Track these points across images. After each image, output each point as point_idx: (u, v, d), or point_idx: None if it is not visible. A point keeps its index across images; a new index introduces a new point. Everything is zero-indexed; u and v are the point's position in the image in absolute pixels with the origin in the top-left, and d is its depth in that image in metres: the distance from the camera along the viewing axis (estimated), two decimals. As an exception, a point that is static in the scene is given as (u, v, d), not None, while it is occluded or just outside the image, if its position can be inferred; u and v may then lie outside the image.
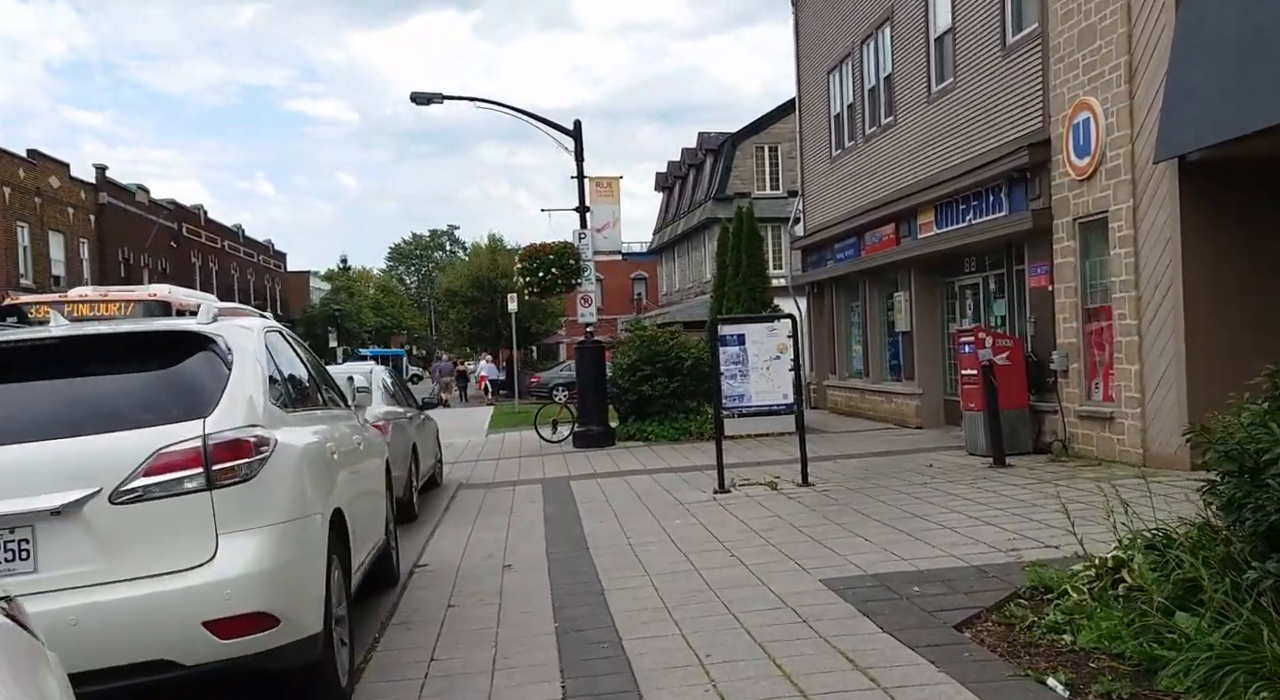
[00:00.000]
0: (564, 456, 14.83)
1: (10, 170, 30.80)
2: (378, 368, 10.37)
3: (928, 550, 6.68)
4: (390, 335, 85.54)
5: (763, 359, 9.99)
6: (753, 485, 10.29)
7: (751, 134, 40.13)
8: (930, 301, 15.48)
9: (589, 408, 15.81)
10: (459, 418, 27.13)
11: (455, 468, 14.22)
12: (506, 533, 8.61)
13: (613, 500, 10.05)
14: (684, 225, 44.40)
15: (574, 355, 16.36)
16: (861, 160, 17.43)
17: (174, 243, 45.11)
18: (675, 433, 15.94)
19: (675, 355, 16.46)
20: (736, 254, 16.13)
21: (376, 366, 10.44)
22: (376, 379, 10.01)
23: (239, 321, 4.46)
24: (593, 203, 15.98)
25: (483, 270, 38.04)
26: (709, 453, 13.87)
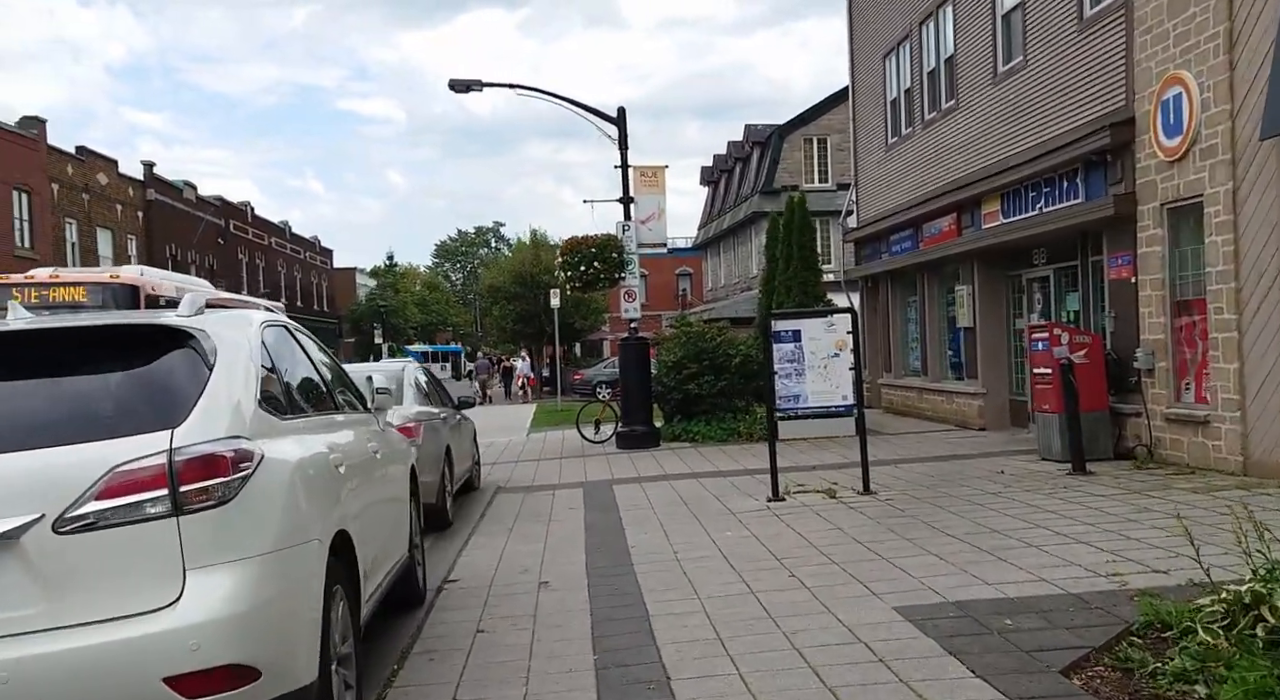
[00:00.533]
0: (607, 458, 14.21)
1: (58, 167, 30.97)
2: (410, 365, 9.83)
3: (1014, 573, 5.92)
4: (435, 332, 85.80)
5: (820, 357, 9.26)
6: (808, 493, 9.56)
7: (799, 126, 39.22)
8: (995, 296, 14.58)
9: (633, 407, 15.18)
10: (500, 416, 26.70)
11: (494, 470, 13.67)
12: (544, 543, 8.00)
13: (658, 507, 9.40)
14: (730, 220, 43.60)
15: (617, 352, 15.71)
16: (919, 148, 16.55)
17: (221, 239, 45.35)
18: (723, 433, 15.25)
19: (723, 352, 15.75)
20: (787, 246, 15.39)
21: (409, 364, 9.91)
22: (409, 377, 9.46)
23: (229, 315, 3.88)
24: (637, 193, 15.32)
25: (525, 266, 37.51)
26: (759, 455, 13.17)
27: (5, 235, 27.55)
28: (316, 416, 4.23)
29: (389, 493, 5.24)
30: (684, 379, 15.63)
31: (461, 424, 10.80)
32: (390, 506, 5.23)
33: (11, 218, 28.01)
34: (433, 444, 8.94)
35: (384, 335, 67.28)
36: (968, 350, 15.13)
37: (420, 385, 9.81)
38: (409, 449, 6.43)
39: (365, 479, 4.57)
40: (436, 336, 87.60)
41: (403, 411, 8.69)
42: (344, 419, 4.73)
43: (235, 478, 3.02)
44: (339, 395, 5.08)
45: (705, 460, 13.14)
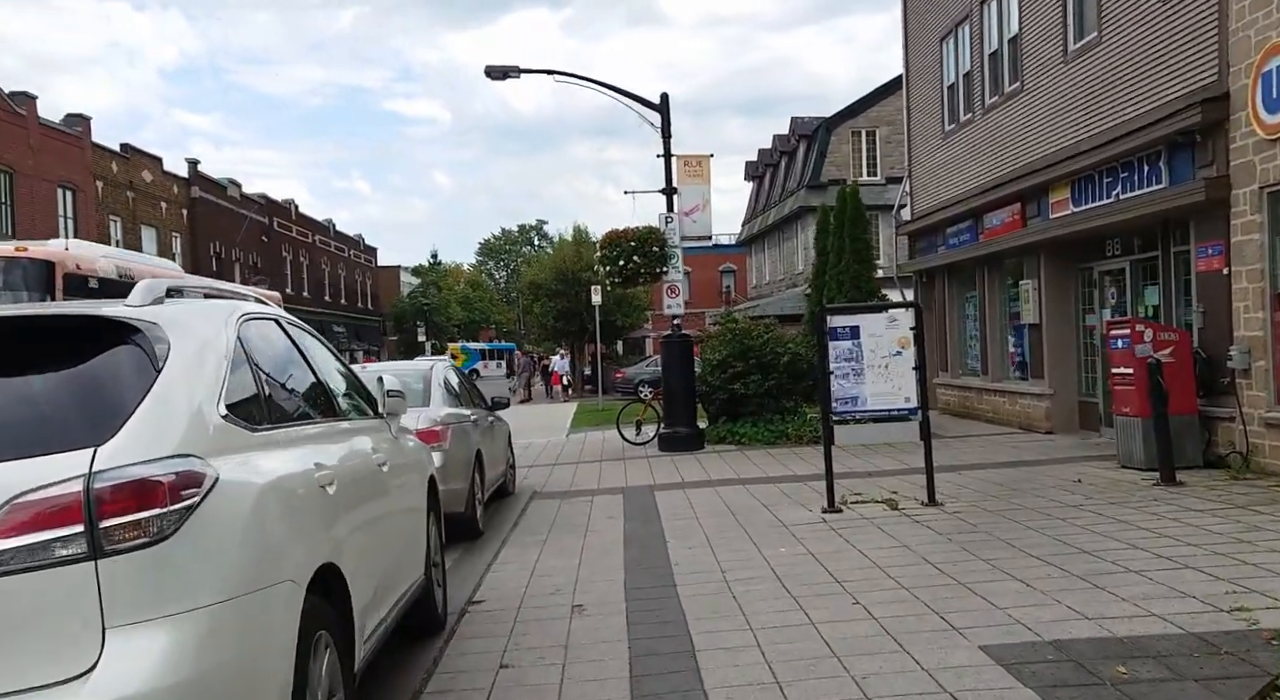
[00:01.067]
0: (648, 461, 13.54)
1: (103, 164, 31.08)
2: (440, 364, 9.24)
3: (1117, 605, 5.13)
4: (478, 329, 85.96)
5: (880, 355, 8.49)
6: (867, 503, 8.80)
7: (848, 118, 38.19)
8: (1063, 290, 13.65)
9: (675, 407, 14.49)
10: (540, 415, 26.19)
11: (530, 473, 13.07)
12: (580, 557, 7.35)
13: (703, 517, 8.70)
14: (775, 215, 42.69)
15: (659, 350, 15.03)
16: (979, 134, 15.64)
17: (265, 237, 45.48)
18: (770, 436, 14.49)
19: (770, 350, 15.00)
20: (839, 239, 14.60)
21: (439, 363, 9.32)
22: (437, 377, 8.87)
23: (194, 306, 3.28)
24: (681, 184, 14.62)
25: (566, 262, 36.98)
26: (810, 460, 12.43)
27: (50, 233, 27.59)
28: (308, 426, 3.61)
29: (399, 510, 4.61)
30: (729, 378, 14.91)
31: (494, 426, 10.20)
32: (401, 526, 4.61)
33: (56, 216, 28.09)
34: (461, 449, 8.34)
35: (427, 333, 67.33)
36: (1033, 348, 14.21)
37: (450, 386, 9.22)
38: (427, 458, 5.81)
39: (367, 497, 3.94)
40: (480, 334, 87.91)
41: (429, 414, 8.10)
42: (345, 428, 4.11)
43: (176, 508, 2.40)
44: (343, 400, 4.47)
45: (752, 464, 12.41)
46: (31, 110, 27.02)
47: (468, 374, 10.59)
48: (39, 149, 27.14)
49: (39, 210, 27.02)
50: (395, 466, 4.64)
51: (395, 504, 4.51)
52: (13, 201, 26.02)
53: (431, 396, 8.47)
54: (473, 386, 10.48)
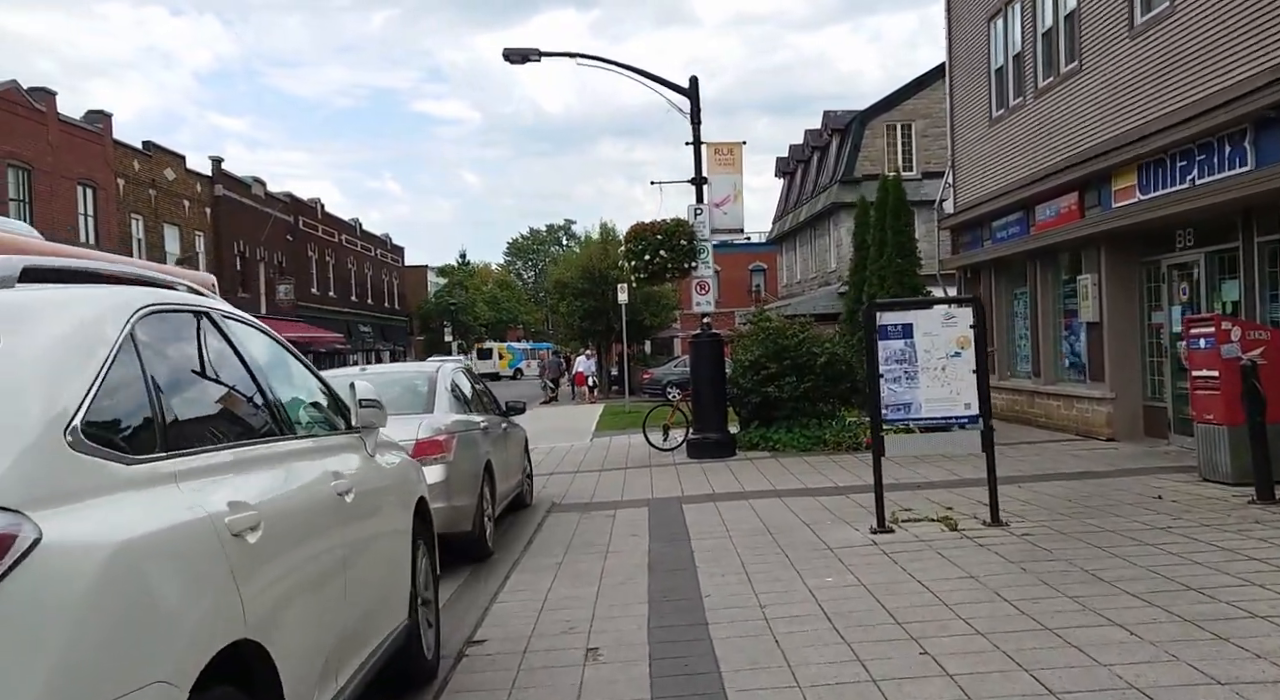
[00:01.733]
0: (676, 469, 12.67)
1: (125, 162, 30.69)
2: (447, 365, 8.42)
3: (1251, 664, 4.19)
4: (506, 330, 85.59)
5: (936, 356, 7.57)
6: (921, 522, 7.87)
7: (882, 111, 37.09)
8: (1125, 285, 12.61)
9: (705, 411, 13.60)
10: (565, 417, 25.39)
11: (550, 481, 12.25)
12: (598, 585, 6.50)
13: (737, 537, 7.82)
14: (807, 212, 41.65)
15: (688, 350, 14.16)
16: (1031, 120, 14.61)
17: (290, 236, 45.11)
18: (806, 442, 13.57)
19: (806, 351, 14.07)
20: (880, 231, 13.66)
21: (446, 364, 8.50)
22: (443, 380, 8.05)
23: (61, 295, 2.46)
24: (711, 173, 13.73)
25: (593, 261, 36.10)
26: (851, 469, 11.51)
27: (70, 231, 27.20)
28: (231, 450, 2.77)
29: (371, 546, 3.77)
30: (762, 380, 14.00)
31: (509, 433, 9.38)
32: (372, 566, 3.77)
33: (76, 213, 27.71)
34: (469, 461, 7.52)
35: (454, 333, 66.92)
36: (1092, 349, 13.17)
37: (458, 390, 8.39)
38: (416, 476, 4.98)
39: (316, 538, 3.11)
40: (507, 334, 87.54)
41: (432, 422, 7.29)
42: (293, 449, 3.27)
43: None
44: (302, 413, 3.65)
45: (788, 474, 11.50)
46: (51, 106, 26.64)
47: (479, 375, 9.75)
48: (59, 146, 26.76)
49: (59, 208, 26.63)
50: (367, 492, 3.81)
51: (365, 539, 3.67)
52: (31, 198, 25.63)
53: (436, 402, 7.66)
54: (485, 390, 9.67)
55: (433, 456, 7.02)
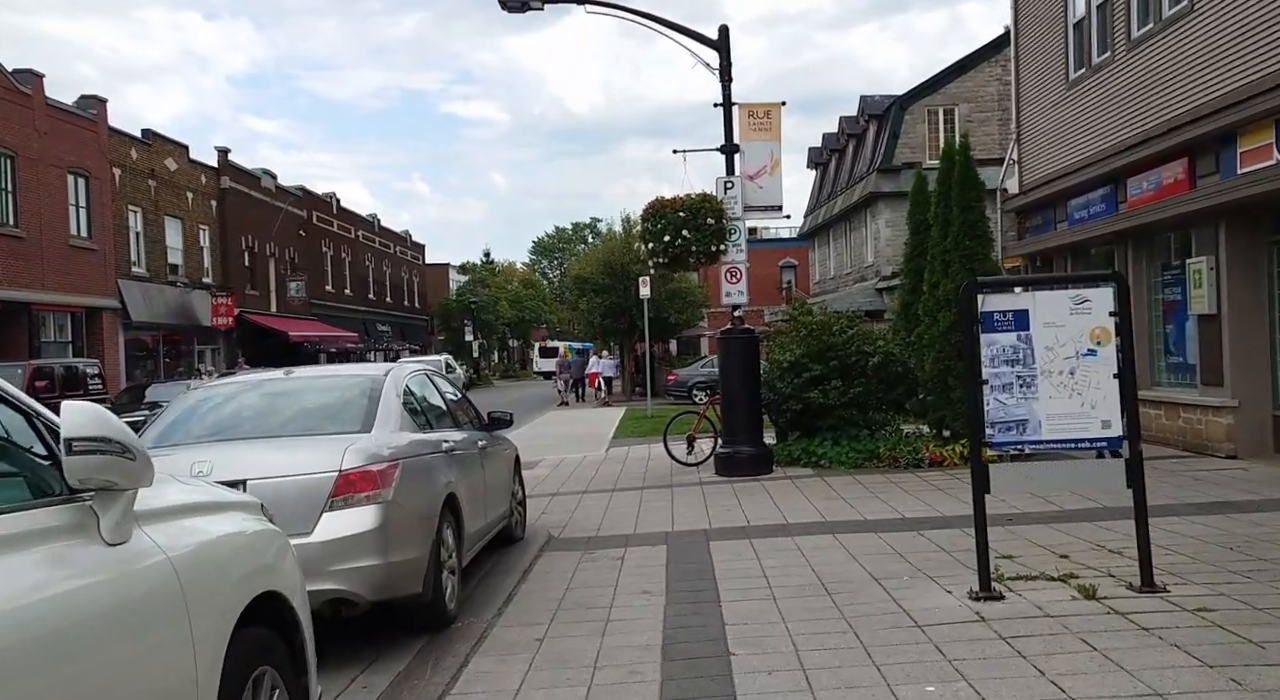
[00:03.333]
0: (702, 489, 10.63)
1: (121, 151, 29.07)
2: (398, 370, 6.40)
3: None
4: (529, 329, 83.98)
5: (1062, 356, 5.47)
6: (1035, 580, 5.77)
7: (923, 95, 34.82)
8: (1250, 270, 10.40)
9: (736, 419, 11.55)
10: (581, 422, 23.37)
11: (553, 505, 10.24)
12: (588, 687, 4.47)
13: (784, 597, 5.78)
14: (841, 204, 39.42)
15: (716, 348, 12.10)
16: (1121, 77, 12.41)
17: (303, 231, 43.51)
18: (856, 457, 11.48)
19: (856, 350, 11.97)
20: (943, 208, 11.54)
21: (398, 368, 6.48)
22: (389, 389, 6.05)
23: None
24: (743, 140, 11.66)
25: (615, 255, 34.04)
26: (915, 491, 9.38)
27: (58, 222, 25.63)
28: None
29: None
30: (803, 384, 11.91)
31: (490, 453, 7.35)
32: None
33: (66, 204, 26.07)
34: (420, 497, 5.51)
35: (474, 332, 65.18)
36: (1205, 347, 10.94)
37: (415, 400, 6.37)
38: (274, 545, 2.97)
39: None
40: (531, 334, 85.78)
41: (364, 446, 5.29)
42: None
43: None
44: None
45: (839, 499, 9.43)
46: (38, 89, 25.02)
47: (446, 376, 7.72)
48: (46, 131, 25.13)
49: (45, 197, 25.00)
50: (49, 633, 1.78)
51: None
52: (15, 187, 24.01)
53: (378, 417, 5.65)
54: (461, 398, 7.66)
55: (362, 494, 5.04)
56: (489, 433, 7.68)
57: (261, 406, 5.77)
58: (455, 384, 7.99)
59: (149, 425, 5.77)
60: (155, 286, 30.64)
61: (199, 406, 5.80)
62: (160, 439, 5.47)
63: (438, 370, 7.39)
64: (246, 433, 5.48)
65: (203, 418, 5.68)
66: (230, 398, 5.93)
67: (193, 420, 5.64)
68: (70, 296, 25.93)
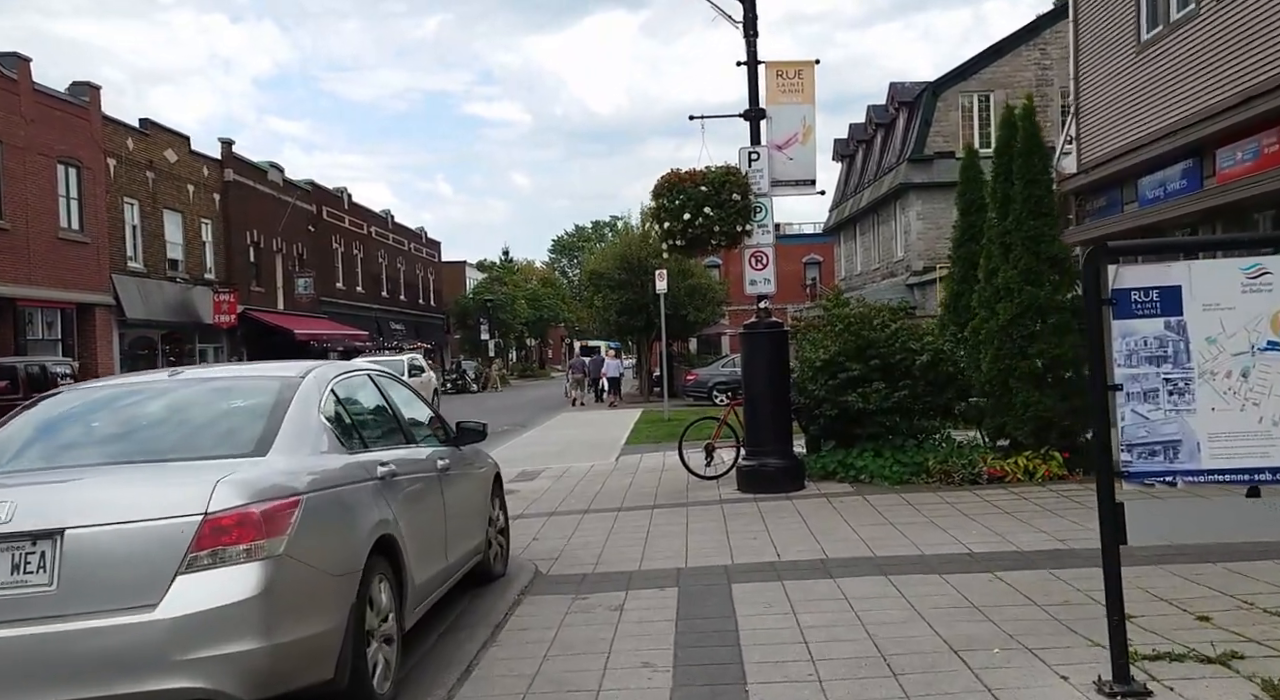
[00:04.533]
0: (722, 509, 9.10)
1: (117, 140, 27.84)
2: (324, 370, 4.86)
3: None
4: (547, 328, 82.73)
5: (1229, 351, 3.90)
6: (1182, 660, 4.20)
7: (957, 81, 33.10)
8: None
9: (761, 426, 10.00)
10: (592, 427, 21.82)
11: (548, 529, 8.73)
12: None
13: (832, 681, 4.25)
14: (869, 196, 37.71)
15: (739, 345, 10.54)
16: (1209, 32, 10.75)
17: (312, 226, 42.28)
18: (901, 470, 9.90)
19: (901, 346, 10.38)
20: (1001, 184, 9.93)
21: (323, 368, 4.94)
22: (310, 395, 4.54)
23: None
24: (771, 104, 10.11)
25: (632, 249, 32.50)
26: (979, 515, 7.55)
27: (46, 214, 24.41)
28: None
29: None
30: (840, 386, 10.33)
31: (455, 476, 5.82)
32: None
33: (55, 195, 24.85)
34: (333, 542, 4.01)
35: (490, 331, 63.88)
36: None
37: (345, 412, 4.84)
38: None
39: None
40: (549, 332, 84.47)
41: (249, 479, 3.76)
42: None
43: None
44: None
45: (886, 524, 7.86)
46: (24, 74, 23.81)
47: (405, 381, 6.19)
48: (33, 119, 23.91)
49: (33, 188, 23.79)
50: None
51: None
52: (0, 177, 22.80)
53: (279, 435, 4.12)
54: (423, 405, 6.14)
55: (238, 547, 3.54)
56: (456, 448, 6.16)
57: (121, 420, 4.29)
58: (424, 389, 6.49)
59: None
60: (154, 282, 29.43)
61: (36, 419, 4.31)
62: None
63: (390, 373, 5.85)
64: (86, 458, 4.00)
65: (35, 436, 4.20)
66: (86, 408, 4.45)
67: (18, 440, 4.16)
68: (60, 292, 24.71)
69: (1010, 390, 9.76)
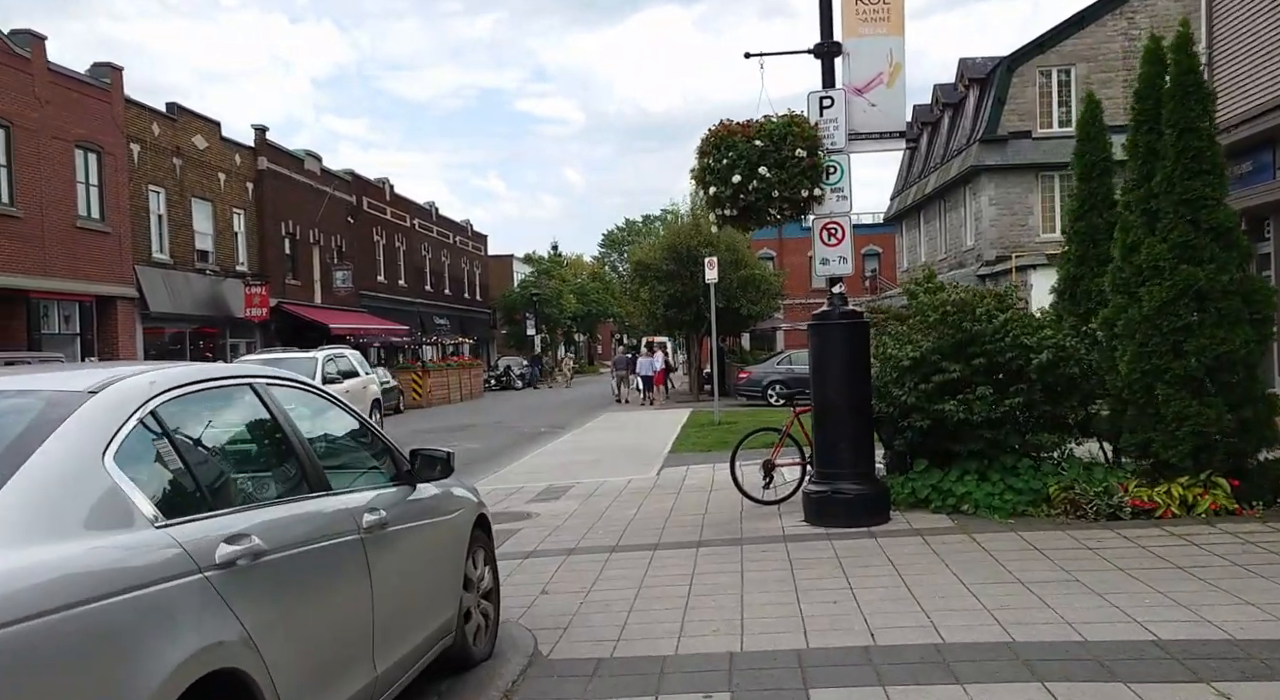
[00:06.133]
0: (787, 550, 7.07)
1: (140, 124, 26.56)
2: (135, 382, 2.92)
3: None
4: (595, 323, 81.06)
5: None
6: None
7: (1034, 54, 30.39)
8: None
9: (835, 441, 7.94)
10: (632, 430, 19.75)
11: (562, 574, 6.78)
12: None
13: None
14: (935, 182, 35.12)
15: (792, 345, 8.43)
16: None
17: (351, 218, 40.93)
18: (1014, 500, 7.79)
19: (1013, 342, 8.23)
20: (1146, 134, 7.69)
21: (149, 374, 3.04)
22: (87, 423, 2.61)
23: None
24: (848, 36, 8.02)
25: (681, 238, 30.43)
26: (1140, 572, 4.94)
27: (63, 201, 23.15)
28: None
29: None
30: (933, 391, 8.22)
31: (398, 535, 3.88)
32: None
33: (74, 181, 23.58)
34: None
35: (536, 326, 62.28)
36: None
37: (151, 449, 2.86)
38: None
39: None
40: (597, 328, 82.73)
41: None
42: None
43: None
44: None
45: (1013, 580, 5.77)
46: (39, 53, 22.56)
47: (325, 391, 4.21)
48: (49, 100, 22.66)
49: (47, 173, 22.53)
50: None
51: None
52: (10, 161, 21.55)
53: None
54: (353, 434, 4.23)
55: None
56: (408, 488, 4.23)
57: None
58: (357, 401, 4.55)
59: None
60: (180, 274, 28.13)
61: None
62: None
63: (296, 380, 3.91)
64: None
65: None
66: None
67: None
68: (77, 284, 23.44)
69: (1157, 398, 7.59)
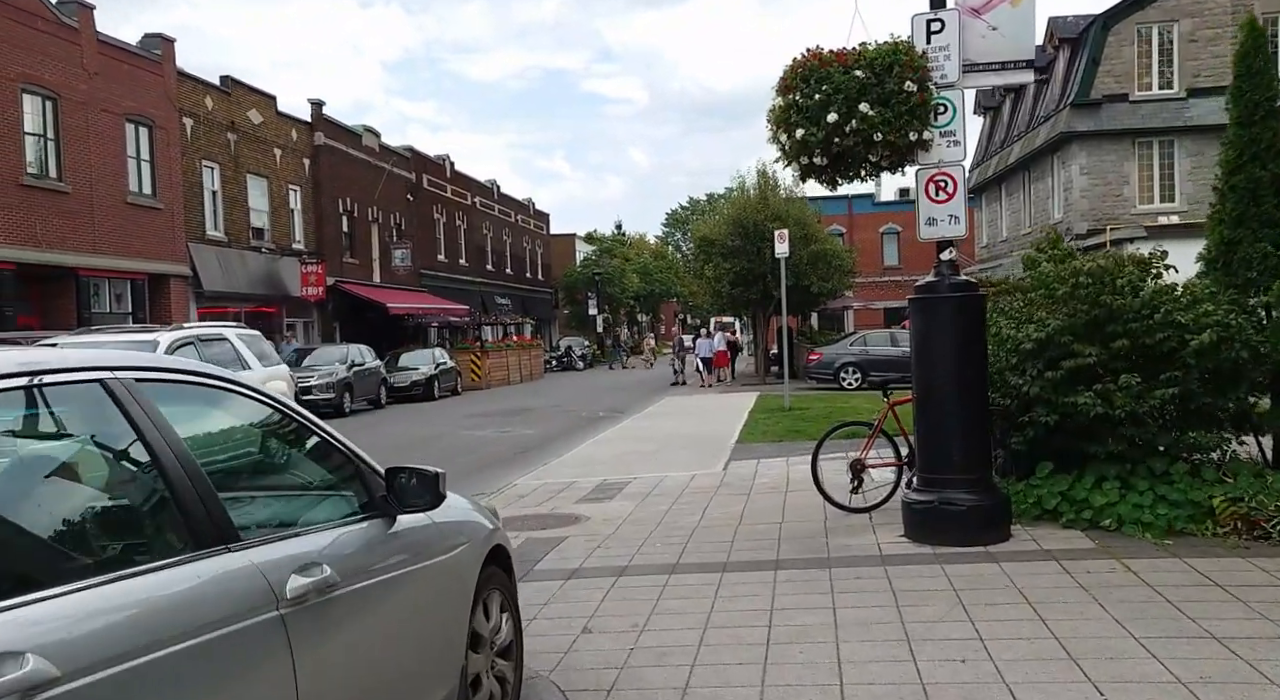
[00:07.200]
0: (888, 577, 5.70)
1: (193, 98, 25.97)
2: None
3: None
4: (658, 303, 79.78)
5: None
6: None
7: (1133, 10, 28.04)
8: None
9: (944, 440, 6.54)
10: (695, 414, 18.36)
11: (607, 604, 5.53)
12: None
13: None
14: (1019, 151, 32.92)
15: (910, 315, 6.99)
16: None
17: (411, 195, 40.21)
18: (1169, 514, 6.30)
19: (1164, 320, 6.69)
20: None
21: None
22: None
23: None
24: (965, -56, 6.52)
25: (747, 212, 28.85)
26: None
27: (113, 176, 22.60)
28: None
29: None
30: (1061, 380, 6.73)
31: (343, 601, 2.66)
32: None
33: (124, 156, 23.04)
34: None
35: (599, 305, 61.21)
36: None
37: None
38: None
39: None
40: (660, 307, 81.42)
41: None
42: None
43: None
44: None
45: (1204, 634, 4.34)
46: (86, 22, 21.97)
47: (240, 382, 2.97)
48: (97, 72, 22.09)
49: (96, 147, 22.00)
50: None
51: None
52: (58, 135, 21.02)
53: None
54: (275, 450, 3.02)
55: None
56: (385, 522, 2.99)
57: None
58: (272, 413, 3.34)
59: None
60: (235, 252, 27.59)
61: None
62: None
63: (198, 371, 2.63)
64: None
65: None
66: None
67: None
68: (129, 261, 22.94)
69: (1357, 390, 6.02)
